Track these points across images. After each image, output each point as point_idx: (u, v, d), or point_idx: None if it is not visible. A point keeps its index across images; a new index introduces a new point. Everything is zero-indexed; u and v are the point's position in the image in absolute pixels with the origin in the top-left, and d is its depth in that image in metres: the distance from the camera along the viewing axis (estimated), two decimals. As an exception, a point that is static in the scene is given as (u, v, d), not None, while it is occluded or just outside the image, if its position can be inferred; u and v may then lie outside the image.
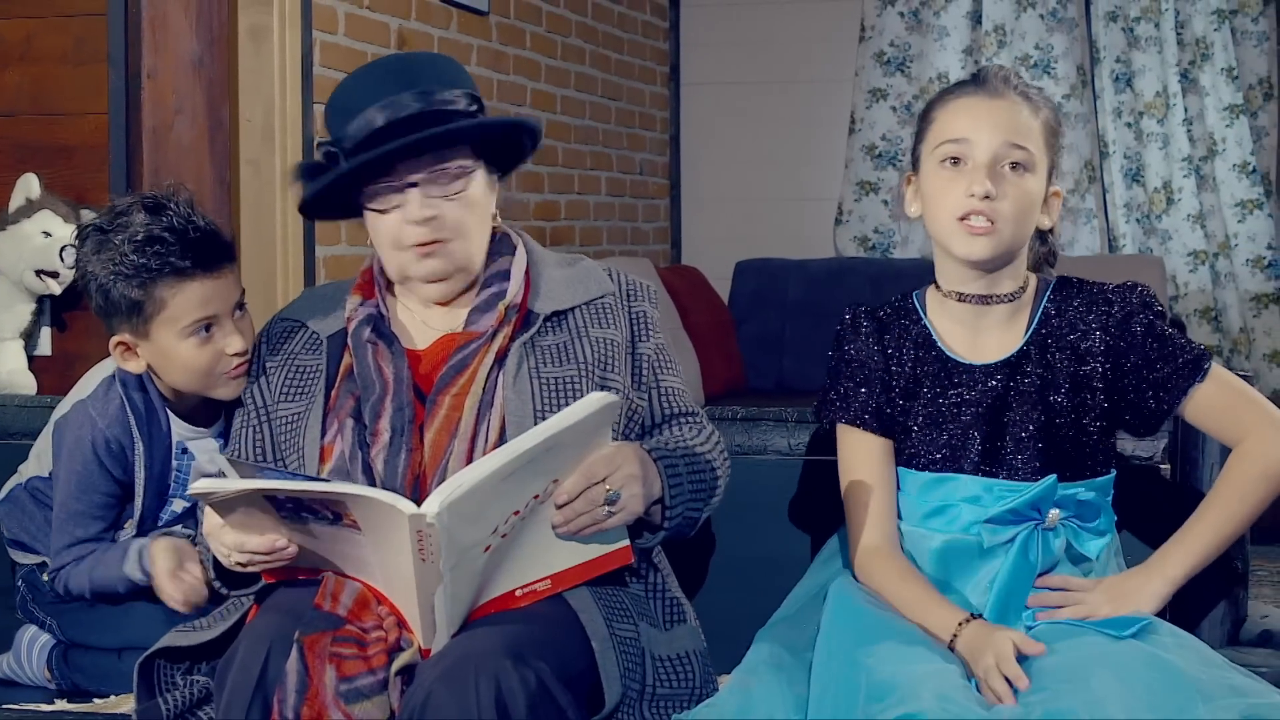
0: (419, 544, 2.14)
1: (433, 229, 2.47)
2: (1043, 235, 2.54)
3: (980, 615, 2.32)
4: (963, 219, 2.39)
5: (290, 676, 2.17)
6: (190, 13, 3.77)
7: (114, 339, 2.69)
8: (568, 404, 2.30)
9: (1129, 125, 7.20)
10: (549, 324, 2.52)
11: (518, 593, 2.30)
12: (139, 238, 2.60)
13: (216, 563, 2.43)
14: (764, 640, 2.43)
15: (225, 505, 2.26)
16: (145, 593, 2.70)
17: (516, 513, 2.23)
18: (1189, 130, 7.12)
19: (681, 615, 2.51)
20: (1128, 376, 2.44)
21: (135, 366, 2.71)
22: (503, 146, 2.56)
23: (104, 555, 2.73)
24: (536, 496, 2.25)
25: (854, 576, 2.46)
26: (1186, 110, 7.12)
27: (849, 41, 7.52)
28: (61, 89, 3.69)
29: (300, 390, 2.53)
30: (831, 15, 7.55)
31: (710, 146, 7.74)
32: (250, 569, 2.34)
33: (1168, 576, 2.36)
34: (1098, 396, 2.44)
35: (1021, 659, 2.22)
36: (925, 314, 2.52)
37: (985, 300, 2.47)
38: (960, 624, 2.29)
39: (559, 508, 2.28)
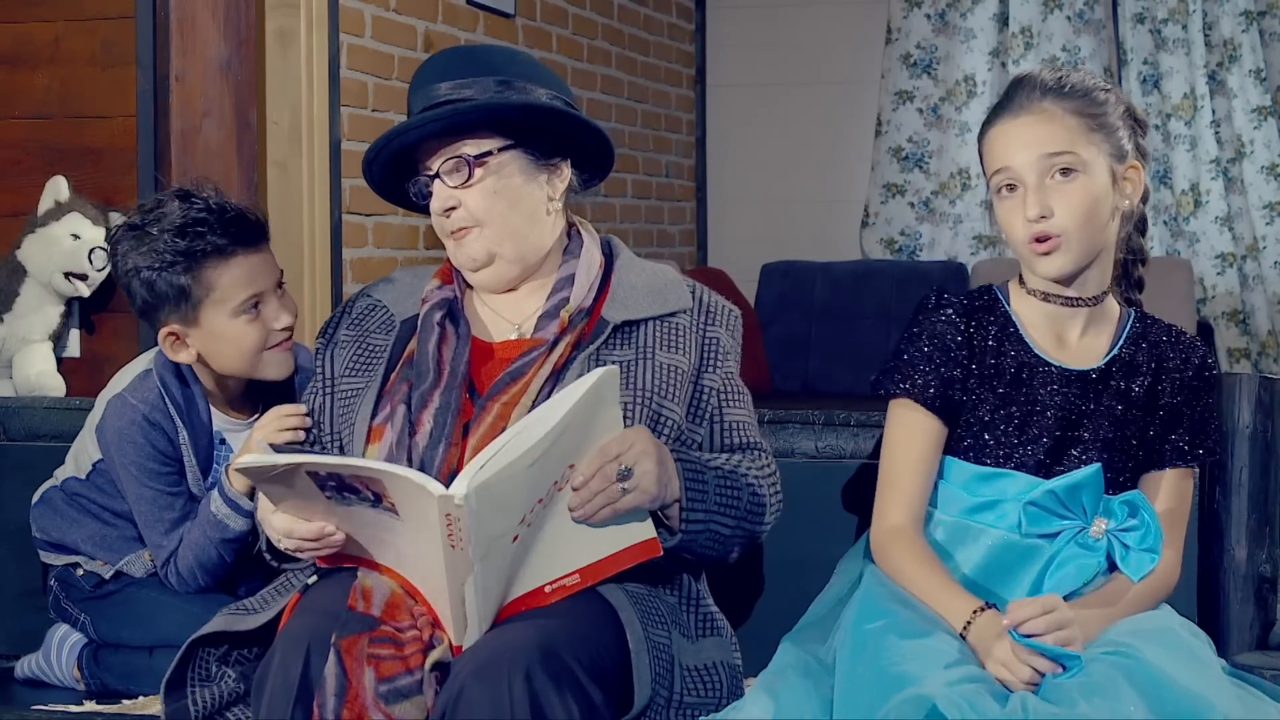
0: (448, 529, 2.14)
1: (456, 218, 2.50)
2: (1134, 251, 2.56)
3: (994, 606, 2.31)
4: (1030, 243, 2.41)
5: (329, 680, 2.18)
6: (218, 16, 3.78)
7: (163, 330, 2.74)
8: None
9: (1156, 127, 7.18)
10: (618, 335, 2.51)
11: (547, 589, 2.30)
12: (177, 224, 2.67)
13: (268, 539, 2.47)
14: (790, 645, 2.43)
15: (273, 488, 2.30)
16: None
17: (540, 500, 2.23)
18: (1217, 132, 7.09)
19: (715, 629, 2.50)
20: (1169, 417, 2.46)
21: (185, 356, 2.76)
22: (553, 137, 2.54)
23: (190, 528, 2.75)
24: (556, 483, 2.25)
25: (872, 557, 2.46)
26: (1214, 112, 7.09)
27: (875, 43, 7.51)
28: (90, 92, 3.70)
29: (364, 368, 2.56)
30: (857, 17, 7.55)
31: (736, 149, 7.73)
32: (302, 556, 2.39)
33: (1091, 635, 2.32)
34: (1159, 424, 2.46)
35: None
36: (1010, 306, 2.51)
37: (1070, 302, 2.47)
38: (974, 613, 2.30)
39: (575, 490, 2.27)
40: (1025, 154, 2.40)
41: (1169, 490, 2.45)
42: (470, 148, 2.48)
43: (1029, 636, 2.22)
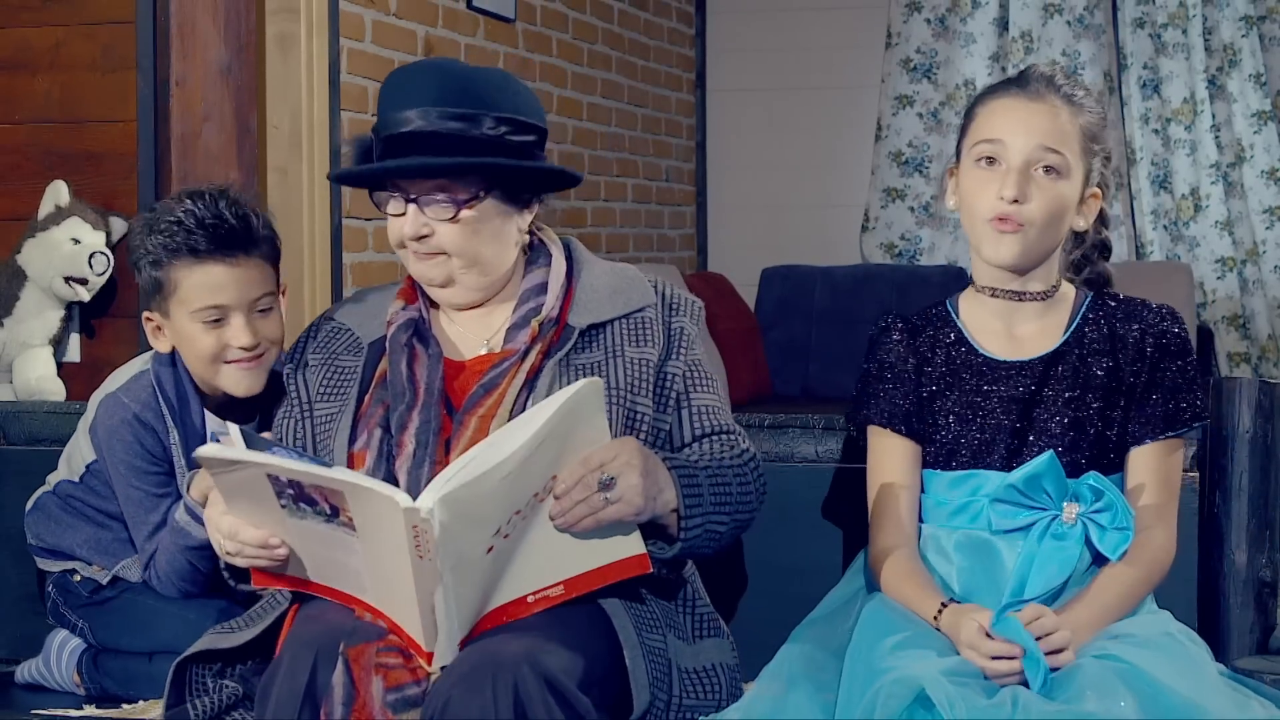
0: (415, 540, 2.12)
1: (425, 244, 2.49)
2: (1087, 242, 2.55)
3: (954, 600, 2.36)
4: (992, 220, 2.42)
5: (337, 689, 2.18)
6: (218, 20, 3.78)
7: (145, 314, 2.78)
8: None
9: (1156, 132, 7.18)
10: (585, 338, 2.51)
11: (530, 598, 2.28)
12: (165, 220, 2.70)
13: None
14: (797, 641, 2.45)
15: (229, 486, 2.28)
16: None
17: (518, 512, 2.22)
18: (1217, 136, 7.09)
19: (713, 630, 2.50)
20: (1138, 391, 2.45)
21: (162, 345, 2.78)
22: (524, 180, 2.54)
23: (164, 533, 2.74)
24: (537, 495, 2.23)
25: (875, 579, 2.48)
26: (1214, 116, 7.10)
27: (875, 48, 7.52)
28: (90, 96, 3.70)
29: (336, 391, 2.54)
30: (858, 22, 7.55)
31: (736, 153, 7.74)
32: (238, 561, 2.35)
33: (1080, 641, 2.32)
34: (1123, 401, 2.45)
35: (1052, 674, 2.24)
36: (958, 317, 2.54)
37: (1018, 296, 2.49)
38: (939, 610, 2.34)
39: (557, 499, 2.26)
40: (1026, 137, 2.43)
41: (1149, 466, 2.44)
42: (459, 191, 2.47)
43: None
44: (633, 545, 2.32)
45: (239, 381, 2.73)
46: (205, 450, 2.24)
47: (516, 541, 2.24)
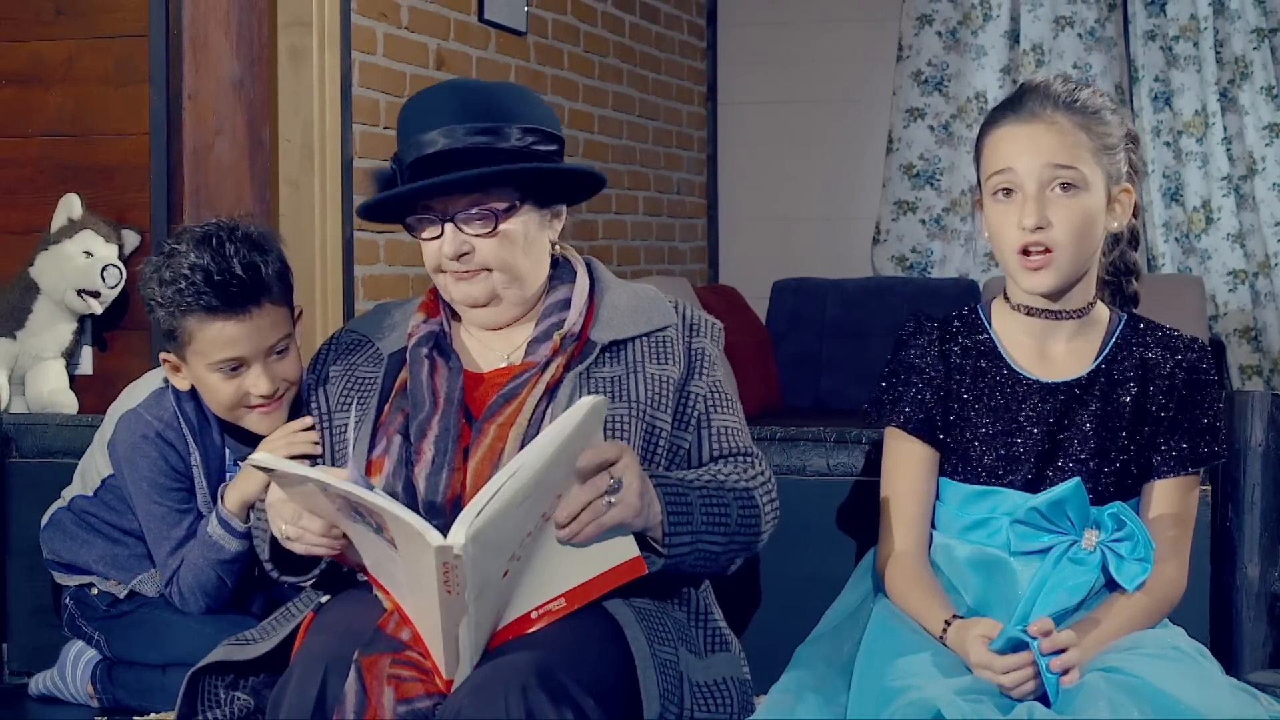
0: (444, 576, 2.13)
1: (466, 262, 2.51)
2: (1123, 239, 2.52)
3: (959, 616, 2.35)
4: (1020, 253, 2.40)
5: (349, 697, 2.18)
6: (230, 34, 3.79)
7: (163, 354, 2.77)
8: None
9: (1168, 144, 7.18)
10: (607, 354, 2.52)
11: (533, 614, 2.29)
12: (174, 271, 2.66)
13: (272, 544, 2.46)
14: (802, 659, 2.44)
15: (287, 483, 2.30)
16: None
17: (529, 533, 2.23)
18: (1228, 149, 7.09)
19: (724, 645, 2.50)
20: (1164, 425, 2.44)
21: (180, 383, 2.78)
22: (555, 185, 2.56)
23: (191, 548, 2.75)
24: (544, 514, 2.24)
25: (882, 582, 2.48)
26: (1226, 129, 7.09)
27: (886, 61, 7.52)
28: (103, 110, 3.71)
29: (355, 401, 2.56)
30: (869, 35, 7.56)
31: (747, 166, 7.74)
32: (296, 547, 2.36)
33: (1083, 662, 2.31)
34: (1148, 430, 2.44)
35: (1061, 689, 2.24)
36: (991, 325, 2.52)
37: (1054, 315, 2.47)
38: (945, 625, 2.33)
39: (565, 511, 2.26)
40: (1031, 160, 2.40)
41: (1167, 501, 2.43)
42: (496, 202, 2.49)
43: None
44: (628, 549, 2.33)
45: (260, 424, 2.73)
46: (258, 458, 2.27)
47: (525, 562, 2.25)
